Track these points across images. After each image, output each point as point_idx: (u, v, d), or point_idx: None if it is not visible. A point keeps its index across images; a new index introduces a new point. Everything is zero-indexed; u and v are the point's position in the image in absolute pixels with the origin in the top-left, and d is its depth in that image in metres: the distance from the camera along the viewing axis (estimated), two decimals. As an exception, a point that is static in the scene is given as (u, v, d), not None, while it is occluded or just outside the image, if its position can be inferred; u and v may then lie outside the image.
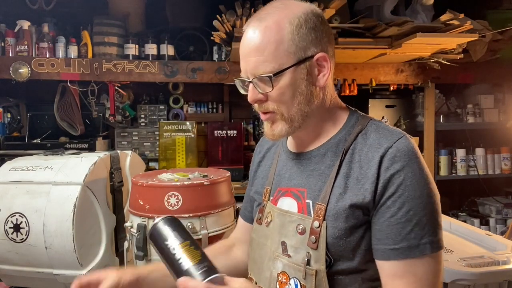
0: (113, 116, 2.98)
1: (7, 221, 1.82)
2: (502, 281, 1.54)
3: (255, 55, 0.86)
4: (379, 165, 0.83)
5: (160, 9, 3.15)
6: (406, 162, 0.83)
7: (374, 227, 0.84)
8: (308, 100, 0.89)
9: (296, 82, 0.87)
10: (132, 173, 2.15)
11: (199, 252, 0.75)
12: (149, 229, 0.76)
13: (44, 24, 2.79)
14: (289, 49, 0.85)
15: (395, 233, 0.81)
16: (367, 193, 0.83)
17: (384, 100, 3.31)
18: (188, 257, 0.74)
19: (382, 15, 2.50)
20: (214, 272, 0.72)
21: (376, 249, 0.84)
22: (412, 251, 0.80)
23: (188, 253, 0.74)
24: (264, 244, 0.95)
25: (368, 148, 0.87)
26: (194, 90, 3.33)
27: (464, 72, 3.10)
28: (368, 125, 0.92)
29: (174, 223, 0.81)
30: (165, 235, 0.78)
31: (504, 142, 3.32)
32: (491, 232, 1.90)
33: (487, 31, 2.62)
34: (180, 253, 0.75)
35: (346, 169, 0.87)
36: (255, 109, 0.92)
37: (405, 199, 0.81)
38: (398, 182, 0.82)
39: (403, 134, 0.87)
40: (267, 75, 0.85)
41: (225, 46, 2.75)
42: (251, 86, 0.88)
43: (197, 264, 0.73)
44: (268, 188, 1.00)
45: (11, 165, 2.01)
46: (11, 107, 3.10)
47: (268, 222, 0.95)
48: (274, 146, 1.09)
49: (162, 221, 0.80)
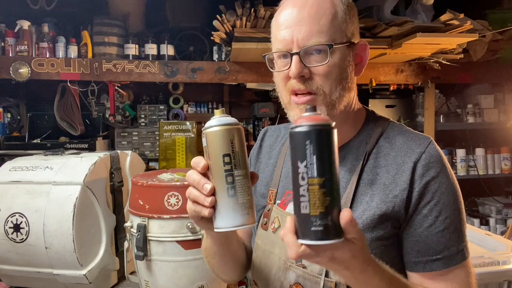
0: (113, 116, 2.98)
1: (7, 221, 1.82)
2: (502, 281, 1.54)
3: (308, 23, 0.78)
4: (412, 171, 0.80)
5: (160, 9, 3.14)
6: (440, 168, 0.81)
7: (410, 239, 0.80)
8: (349, 88, 0.84)
9: (344, 63, 0.82)
10: (132, 173, 2.15)
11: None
12: (319, 125, 0.59)
13: (44, 24, 2.79)
14: (341, 25, 0.80)
15: (436, 243, 0.79)
16: (397, 200, 0.79)
17: (384, 100, 3.31)
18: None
19: (382, 15, 2.50)
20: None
21: (415, 262, 0.80)
22: (453, 259, 0.79)
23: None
24: (270, 252, 0.89)
25: (397, 152, 0.83)
26: (194, 90, 3.33)
27: (464, 72, 3.09)
28: (389, 128, 0.89)
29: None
30: (335, 143, 0.61)
31: (504, 142, 3.32)
32: (491, 232, 1.90)
33: (487, 31, 2.61)
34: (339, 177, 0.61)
35: (371, 175, 0.82)
36: (292, 86, 0.82)
37: (441, 207, 0.79)
38: (434, 189, 0.79)
39: (430, 138, 0.85)
40: (326, 43, 0.78)
41: (225, 46, 2.74)
42: (296, 59, 0.79)
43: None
44: (273, 190, 0.94)
45: (11, 165, 2.01)
46: (11, 107, 3.10)
47: (276, 228, 0.89)
48: (276, 143, 1.03)
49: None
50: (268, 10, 2.21)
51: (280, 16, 0.83)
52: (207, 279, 1.71)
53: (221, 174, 0.68)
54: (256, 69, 2.85)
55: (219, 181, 0.68)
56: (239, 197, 0.68)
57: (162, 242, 1.66)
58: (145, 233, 1.66)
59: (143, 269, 1.72)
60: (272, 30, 0.88)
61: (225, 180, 0.67)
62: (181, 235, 1.66)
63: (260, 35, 2.34)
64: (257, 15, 2.24)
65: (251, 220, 0.69)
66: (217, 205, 0.68)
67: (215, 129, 0.69)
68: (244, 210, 0.68)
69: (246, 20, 2.28)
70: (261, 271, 0.92)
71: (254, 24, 2.33)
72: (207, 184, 0.68)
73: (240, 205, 0.67)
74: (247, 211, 0.68)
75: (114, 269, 1.99)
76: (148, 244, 1.68)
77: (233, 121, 0.70)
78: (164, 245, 1.66)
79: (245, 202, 0.68)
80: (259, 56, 2.53)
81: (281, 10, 0.84)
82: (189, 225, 1.65)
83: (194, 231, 1.66)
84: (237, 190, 0.67)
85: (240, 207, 0.67)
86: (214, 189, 0.68)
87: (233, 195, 0.67)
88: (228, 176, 0.67)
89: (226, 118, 0.70)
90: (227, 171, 0.67)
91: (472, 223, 3.21)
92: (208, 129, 0.70)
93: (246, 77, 2.89)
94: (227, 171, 0.67)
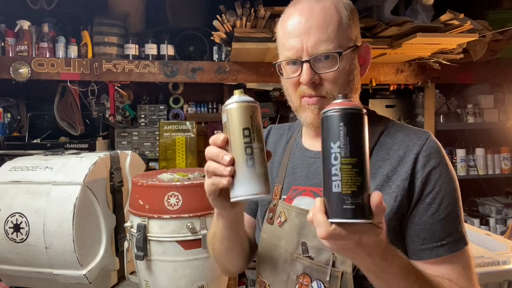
0: (113, 116, 2.98)
1: (7, 221, 1.82)
2: (502, 281, 1.54)
3: (316, 32, 0.83)
4: (414, 161, 0.84)
5: (160, 9, 3.15)
6: (440, 158, 0.85)
7: (416, 227, 0.83)
8: (355, 90, 0.89)
9: (351, 66, 0.87)
10: (132, 173, 2.15)
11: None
12: (349, 111, 0.63)
13: (44, 24, 2.79)
14: (347, 31, 0.85)
15: (440, 230, 0.82)
16: (400, 189, 0.82)
17: (384, 100, 3.31)
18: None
19: (382, 15, 2.50)
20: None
21: (422, 249, 0.83)
22: (457, 244, 0.83)
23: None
24: (276, 245, 0.91)
25: (398, 146, 0.87)
26: (194, 90, 3.33)
27: (464, 72, 3.09)
28: (389, 126, 0.92)
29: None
30: (366, 127, 0.64)
31: (504, 142, 3.32)
32: (491, 232, 1.90)
33: (487, 31, 2.62)
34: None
35: (374, 168, 0.86)
36: (303, 92, 0.87)
37: (443, 195, 0.83)
38: (435, 178, 0.83)
39: (429, 132, 0.90)
40: (335, 51, 0.83)
41: (225, 46, 2.74)
42: (307, 67, 0.84)
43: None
44: (278, 186, 0.96)
45: (11, 165, 2.01)
46: (11, 107, 3.10)
47: (282, 222, 0.91)
48: (281, 141, 1.06)
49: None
50: (268, 10, 2.21)
51: (287, 24, 0.86)
52: (207, 279, 1.71)
53: (240, 146, 0.71)
54: (256, 69, 2.85)
55: (239, 152, 0.71)
56: (257, 168, 0.71)
57: (162, 242, 1.66)
58: (145, 233, 1.66)
59: (143, 269, 1.72)
60: (279, 37, 0.91)
61: (244, 151, 0.71)
62: (181, 235, 1.66)
63: (260, 35, 2.34)
64: (257, 15, 2.24)
65: (268, 191, 0.71)
66: (236, 175, 0.71)
67: (237, 105, 0.73)
68: (262, 180, 0.70)
69: (246, 20, 2.28)
70: (267, 264, 0.94)
71: (254, 24, 2.33)
72: (226, 155, 0.71)
73: (258, 175, 0.70)
74: (264, 182, 0.71)
75: (114, 269, 1.99)
76: (148, 244, 1.68)
77: (253, 100, 0.74)
78: (164, 245, 1.66)
79: (263, 173, 0.71)
80: (259, 56, 2.56)
81: (288, 17, 0.87)
82: (189, 225, 1.65)
83: (194, 231, 1.66)
84: (256, 161, 0.70)
85: (258, 177, 0.70)
86: (233, 160, 0.71)
87: (251, 165, 0.70)
88: (247, 147, 0.71)
89: (245, 97, 0.74)
90: (246, 143, 0.71)
91: (472, 223, 3.21)
92: (229, 105, 0.74)
93: (246, 77, 2.89)
94: (247, 143, 0.71)
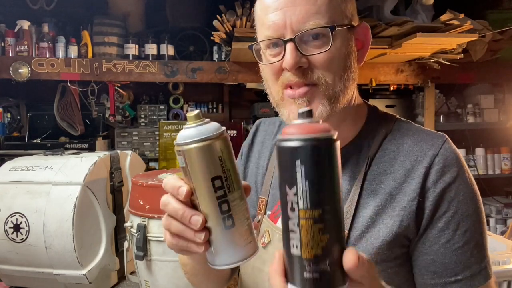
0: (113, 116, 2.98)
1: (7, 221, 1.82)
2: (502, 281, 1.54)
3: (303, 3, 0.65)
4: (424, 178, 0.68)
5: (160, 9, 3.14)
6: (456, 171, 0.69)
7: (424, 258, 0.69)
8: (352, 78, 0.72)
9: (347, 49, 0.70)
10: (132, 173, 2.15)
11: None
12: (319, 139, 0.43)
13: (44, 24, 2.79)
14: (341, 5, 0.68)
15: (455, 262, 0.67)
16: (406, 212, 0.68)
17: (384, 100, 3.31)
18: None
19: (382, 15, 2.50)
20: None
21: (432, 284, 0.69)
22: (475, 279, 0.68)
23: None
24: (260, 270, 0.77)
25: (405, 156, 0.71)
26: (194, 90, 3.33)
27: (464, 72, 3.09)
28: (394, 127, 0.76)
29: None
30: (338, 162, 0.45)
31: (504, 142, 3.32)
32: (491, 232, 1.90)
33: (487, 31, 2.61)
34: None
35: (375, 184, 0.70)
36: (287, 80, 0.69)
37: (460, 218, 0.68)
38: (450, 197, 0.68)
39: (445, 137, 0.73)
40: (326, 26, 0.65)
41: (225, 46, 2.74)
42: (291, 47, 0.66)
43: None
44: (263, 198, 0.82)
45: (11, 165, 2.01)
46: (11, 107, 3.10)
47: (266, 243, 0.77)
48: (269, 141, 0.89)
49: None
50: (268, 10, 2.20)
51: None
52: (207, 279, 1.71)
53: (212, 202, 0.52)
54: (256, 69, 2.83)
55: (211, 211, 0.53)
56: (239, 226, 0.54)
57: (162, 242, 1.66)
58: (145, 233, 1.66)
59: (143, 269, 1.72)
60: (257, 15, 0.74)
61: (219, 210, 0.52)
62: (181, 235, 1.66)
63: (260, 35, 2.34)
64: (257, 15, 2.24)
65: (254, 247, 0.56)
66: (211, 239, 0.54)
67: (197, 146, 0.52)
68: (246, 240, 0.54)
69: (246, 20, 2.27)
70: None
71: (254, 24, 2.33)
72: (196, 216, 0.52)
73: (240, 236, 0.54)
74: (249, 239, 0.55)
75: (114, 269, 1.99)
76: (148, 244, 1.68)
77: (216, 129, 0.53)
78: (164, 245, 1.65)
79: (246, 230, 0.54)
80: (259, 56, 2.45)
81: None
82: (189, 225, 1.65)
83: (194, 231, 1.66)
84: (235, 218, 0.53)
85: (241, 238, 0.54)
86: (205, 221, 0.53)
87: (231, 226, 0.53)
88: (222, 203, 0.52)
89: (206, 126, 0.52)
90: (220, 198, 0.52)
91: (472, 223, 3.21)
92: (185, 146, 0.53)
93: (246, 77, 2.89)
94: (220, 197, 0.52)
